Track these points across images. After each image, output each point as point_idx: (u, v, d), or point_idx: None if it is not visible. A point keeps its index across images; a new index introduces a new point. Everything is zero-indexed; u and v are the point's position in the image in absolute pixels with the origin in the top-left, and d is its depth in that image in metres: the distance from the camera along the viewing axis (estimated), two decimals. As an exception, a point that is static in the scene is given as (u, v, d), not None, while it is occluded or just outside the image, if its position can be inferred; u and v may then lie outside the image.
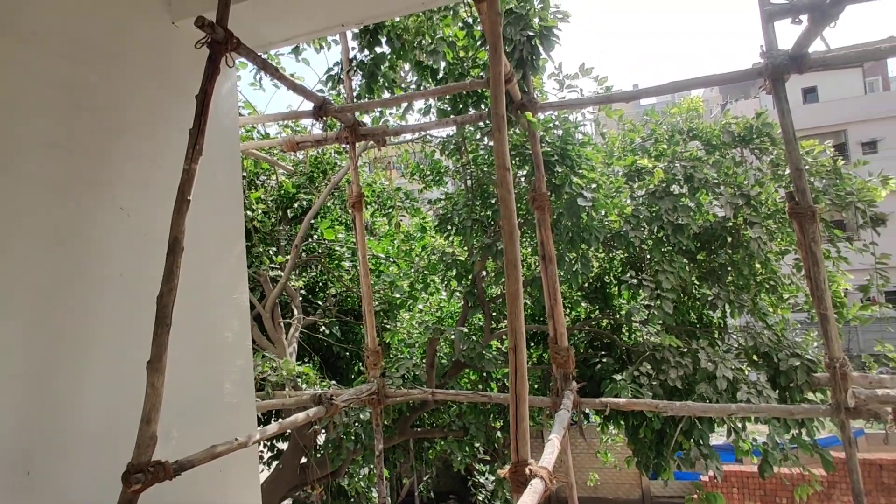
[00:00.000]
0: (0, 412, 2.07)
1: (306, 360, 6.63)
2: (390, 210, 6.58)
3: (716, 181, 5.88)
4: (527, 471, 2.41)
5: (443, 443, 6.44)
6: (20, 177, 2.18)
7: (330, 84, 5.43)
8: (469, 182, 6.10)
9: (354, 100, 4.98)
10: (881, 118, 23.85)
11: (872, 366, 5.60)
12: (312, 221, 6.27)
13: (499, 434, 6.69)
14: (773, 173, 6.10)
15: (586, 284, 6.94)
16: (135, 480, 2.13)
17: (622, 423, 6.07)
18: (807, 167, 5.97)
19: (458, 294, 6.73)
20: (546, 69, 4.93)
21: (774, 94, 3.87)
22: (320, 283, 7.10)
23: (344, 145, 4.78)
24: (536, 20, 4.39)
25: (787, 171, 5.55)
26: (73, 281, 2.35)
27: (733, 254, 5.87)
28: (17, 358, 2.14)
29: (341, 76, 5.00)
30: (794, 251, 6.06)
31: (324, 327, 6.45)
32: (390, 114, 5.82)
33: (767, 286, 6.11)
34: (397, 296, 6.39)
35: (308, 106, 4.25)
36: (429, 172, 6.93)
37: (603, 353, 6.54)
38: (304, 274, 6.81)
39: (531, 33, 4.37)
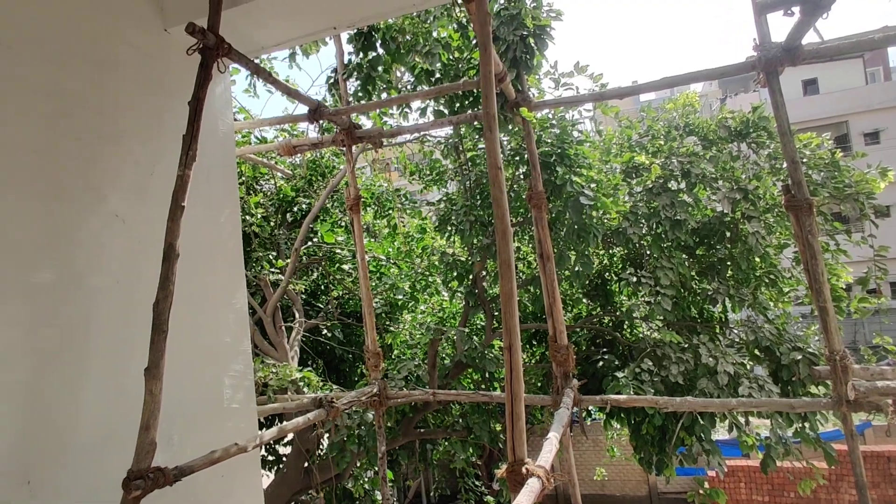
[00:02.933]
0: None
1: (309, 364, 6.65)
2: (389, 212, 6.59)
3: (713, 176, 5.88)
4: (524, 470, 2.42)
5: (447, 443, 6.45)
6: (8, 184, 2.19)
7: (329, 88, 5.46)
8: (468, 182, 6.11)
9: (350, 103, 4.99)
10: (883, 108, 23.76)
11: (871, 358, 5.58)
12: (312, 225, 6.29)
13: (502, 434, 6.68)
14: (770, 167, 6.09)
15: (587, 282, 6.94)
16: (135, 487, 2.15)
17: (624, 419, 6.07)
18: (804, 160, 5.96)
19: (459, 294, 6.73)
20: (542, 68, 4.94)
21: (769, 87, 3.86)
22: (322, 287, 7.11)
23: (341, 148, 4.78)
24: (529, 19, 4.39)
25: (784, 165, 5.55)
26: (68, 289, 2.37)
27: (732, 248, 5.86)
28: (15, 367, 2.16)
29: (338, 79, 5.01)
30: (793, 244, 6.04)
31: (326, 330, 6.46)
32: (390, 115, 5.84)
33: (767, 280, 6.10)
34: (398, 297, 6.40)
35: (303, 110, 4.28)
36: (428, 173, 6.94)
37: (605, 350, 6.54)
38: (305, 277, 6.82)
39: (525, 32, 4.38)
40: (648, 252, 5.83)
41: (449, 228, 6.04)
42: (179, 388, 2.68)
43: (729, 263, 5.99)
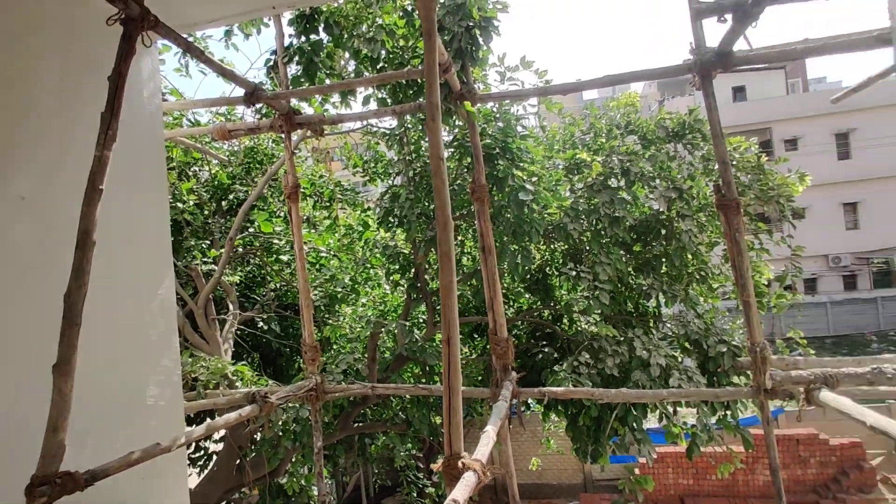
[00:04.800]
0: None
1: (244, 358, 6.40)
2: (330, 203, 6.41)
3: (651, 175, 6.08)
4: (460, 464, 2.40)
5: (385, 437, 6.38)
6: None
7: (268, 71, 5.22)
8: (412, 174, 6.03)
9: (290, 87, 4.80)
10: (800, 117, 25.48)
11: (785, 350, 5.98)
12: (249, 214, 6.02)
13: (442, 427, 6.65)
14: (703, 168, 6.37)
15: (528, 276, 7.04)
16: (39, 493, 1.97)
17: (562, 411, 6.21)
18: (734, 162, 6.28)
19: (401, 287, 6.67)
20: (488, 61, 4.92)
21: (703, 90, 4.00)
22: (258, 278, 6.84)
23: (280, 134, 4.59)
24: (475, 10, 4.35)
25: (716, 166, 5.83)
26: (-37, 277, 2.14)
27: (667, 245, 6.10)
28: None
29: (277, 62, 4.80)
30: (722, 243, 6.37)
31: (262, 323, 6.22)
32: (332, 102, 5.66)
33: (698, 276, 6.39)
34: (338, 290, 6.25)
35: (240, 93, 4.06)
36: (373, 165, 6.81)
37: (544, 343, 6.66)
38: (240, 268, 6.54)
39: (470, 23, 4.35)
40: (588, 248, 5.97)
41: (392, 221, 5.95)
42: (97, 386, 2.48)
43: (664, 260, 6.23)
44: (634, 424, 5.60)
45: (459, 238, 7.14)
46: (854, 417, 2.76)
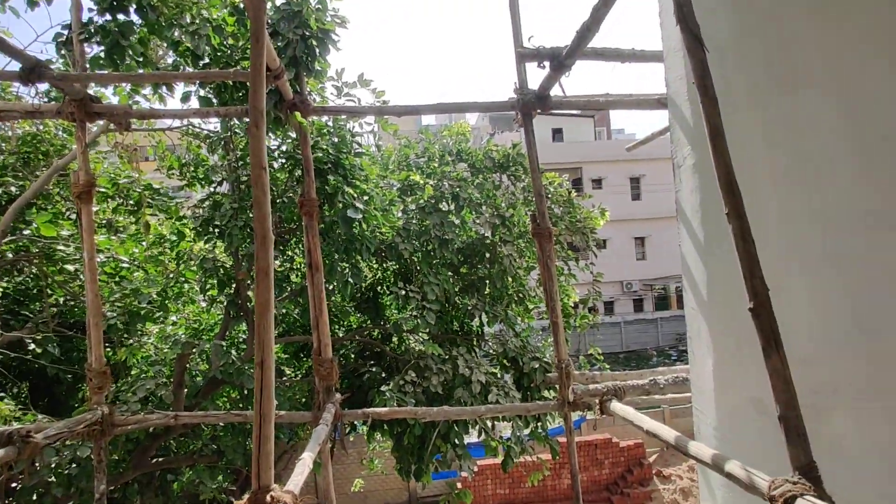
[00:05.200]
0: None
1: (6, 389, 5.22)
2: (138, 207, 5.60)
3: (478, 201, 6.45)
4: (268, 498, 2.19)
5: (192, 471, 5.68)
6: None
7: (59, 47, 4.42)
8: (237, 182, 5.59)
9: (88, 70, 4.13)
10: (604, 161, 29.49)
11: (586, 365, 6.71)
12: (24, 213, 4.99)
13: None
14: (524, 198, 6.93)
15: (359, 294, 6.94)
16: None
17: (388, 431, 6.16)
18: (549, 195, 6.96)
19: (219, 304, 6.08)
20: (326, 74, 4.79)
21: (524, 127, 4.37)
22: (33, 290, 5.67)
23: (72, 123, 3.90)
24: (313, 20, 4.22)
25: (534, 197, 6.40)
26: None
27: (490, 268, 6.48)
28: None
29: (72, 38, 4.09)
30: (537, 267, 6.98)
31: (35, 345, 5.12)
32: (144, 95, 4.99)
33: (517, 298, 6.89)
34: (143, 305, 5.46)
35: (16, 67, 3.38)
36: (192, 168, 6.15)
37: (372, 362, 6.59)
38: (8, 277, 5.36)
39: (307, 32, 4.19)
40: (418, 268, 6.08)
41: (212, 231, 5.43)
42: None
43: (487, 281, 6.60)
44: (456, 440, 5.77)
45: (288, 254, 6.79)
46: (635, 424, 3.14)
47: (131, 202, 5.45)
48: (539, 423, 6.22)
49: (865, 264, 1.53)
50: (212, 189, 5.60)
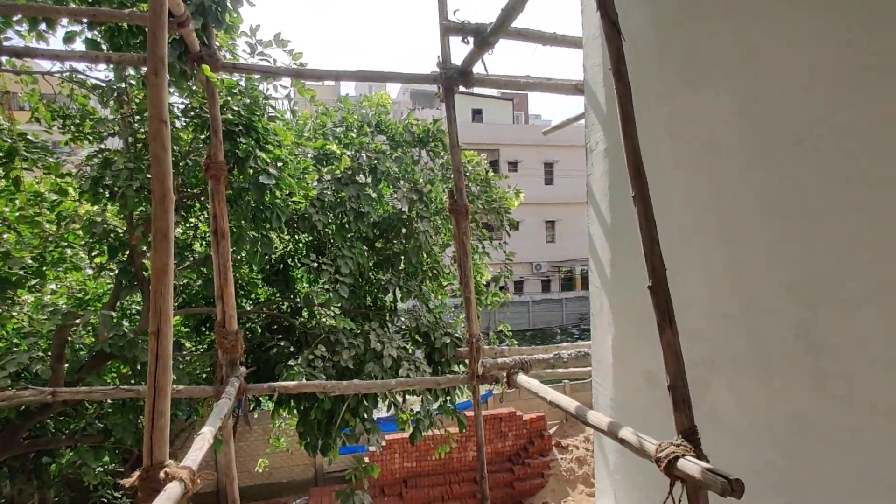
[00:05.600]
0: None
1: None
2: (9, 159, 4.89)
3: (397, 175, 6.36)
4: (162, 474, 2.07)
5: (74, 453, 5.22)
6: None
7: None
8: (133, 139, 5.11)
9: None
10: (521, 145, 30.23)
11: (495, 341, 6.94)
12: None
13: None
14: (442, 175, 6.94)
15: (269, 266, 6.67)
16: None
17: (294, 406, 6.03)
18: (467, 173, 7.02)
19: (109, 272, 5.59)
20: (238, 29, 4.46)
21: (445, 102, 4.35)
22: None
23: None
24: (224, -34, 3.89)
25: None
26: None
27: (406, 244, 6.45)
28: None
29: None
30: (453, 244, 7.06)
31: None
32: (16, 30, 4.36)
33: (431, 274, 6.94)
34: (16, 271, 4.87)
35: None
36: (78, 120, 5.51)
37: (280, 336, 6.39)
38: None
39: (217, -20, 3.87)
40: (332, 240, 5.93)
41: (102, 192, 4.94)
42: None
43: (402, 257, 6.58)
44: (365, 415, 5.76)
45: (192, 221, 6.35)
46: (539, 395, 3.28)
47: (1, 154, 4.79)
48: (448, 398, 6.36)
49: (751, 247, 1.67)
50: (101, 145, 5.06)
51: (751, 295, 1.69)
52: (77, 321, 4.64)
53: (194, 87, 4.74)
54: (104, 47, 4.17)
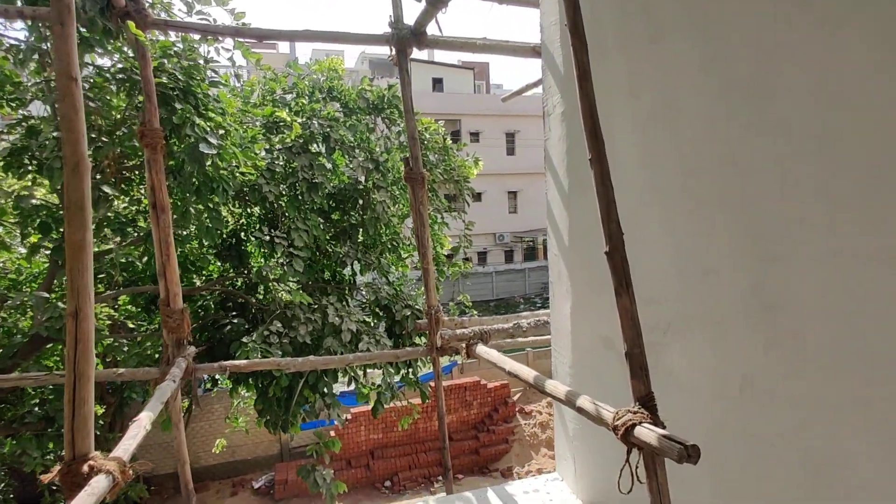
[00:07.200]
0: None
1: None
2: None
3: (351, 144, 6.13)
4: (86, 468, 1.91)
5: (14, 442, 4.94)
6: None
7: None
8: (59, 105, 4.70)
9: None
10: (483, 115, 29.93)
11: (455, 312, 6.89)
12: None
13: (101, 419, 5.55)
14: (399, 143, 6.73)
15: (220, 241, 6.38)
16: None
17: (252, 384, 5.87)
18: (425, 142, 6.83)
19: (44, 251, 5.22)
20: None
21: (398, 65, 4.15)
22: None
23: None
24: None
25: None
26: None
27: (363, 215, 6.26)
28: None
29: None
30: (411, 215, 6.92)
31: None
32: None
33: (391, 246, 6.79)
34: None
35: None
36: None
37: (235, 313, 6.17)
38: None
39: (143, -77, 3.52)
40: (285, 213, 5.69)
41: (27, 164, 4.57)
42: None
43: (360, 229, 6.39)
44: (325, 390, 5.66)
45: (134, 195, 5.98)
46: (498, 366, 3.23)
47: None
48: (410, 370, 6.31)
49: (713, 209, 1.62)
50: (23, 112, 4.65)
51: (709, 257, 1.64)
52: (7, 303, 4.32)
53: (126, 49, 4.38)
54: (18, 1, 3.79)
